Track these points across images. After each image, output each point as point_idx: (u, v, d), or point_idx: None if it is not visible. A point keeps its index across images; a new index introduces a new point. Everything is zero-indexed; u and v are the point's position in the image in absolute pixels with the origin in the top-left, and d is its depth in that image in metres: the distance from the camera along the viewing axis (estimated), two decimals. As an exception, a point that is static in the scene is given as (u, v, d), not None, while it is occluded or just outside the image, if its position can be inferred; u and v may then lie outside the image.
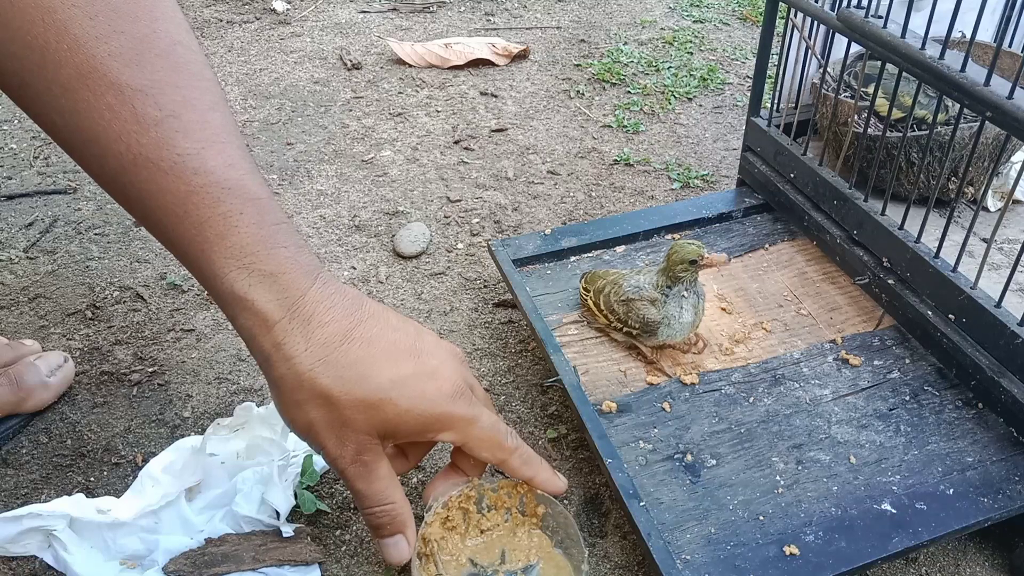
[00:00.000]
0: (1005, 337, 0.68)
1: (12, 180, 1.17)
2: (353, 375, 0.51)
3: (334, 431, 0.53)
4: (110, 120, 0.46)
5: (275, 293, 0.50)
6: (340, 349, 0.51)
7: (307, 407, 0.52)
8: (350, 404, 0.52)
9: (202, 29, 1.59)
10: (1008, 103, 0.62)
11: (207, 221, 0.49)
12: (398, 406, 0.53)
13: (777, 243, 0.91)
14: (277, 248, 0.51)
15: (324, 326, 0.51)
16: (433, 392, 0.54)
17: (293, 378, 0.51)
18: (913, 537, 0.61)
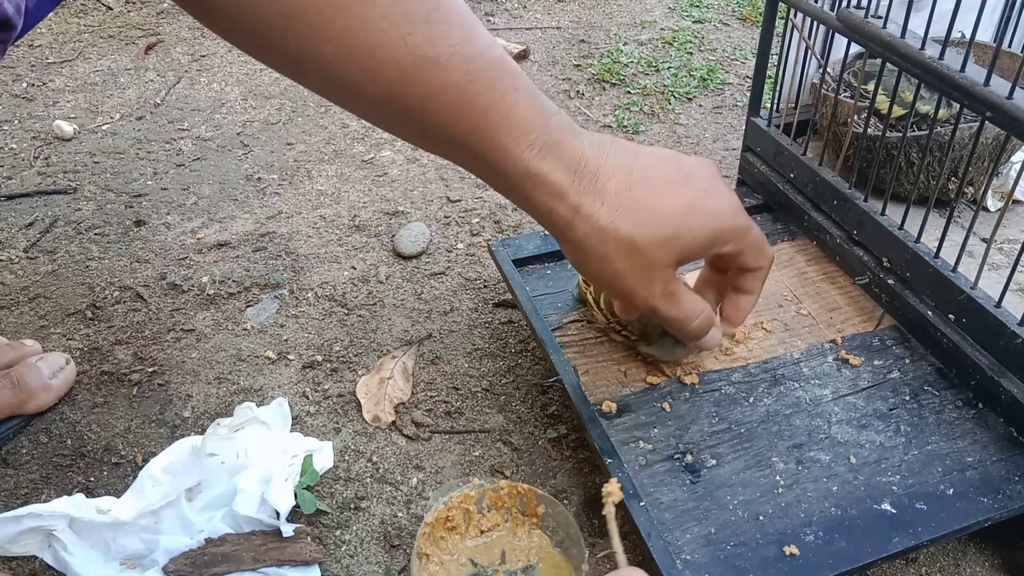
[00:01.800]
0: (1005, 337, 0.68)
1: (12, 180, 1.17)
2: (647, 216, 0.54)
3: (640, 274, 0.56)
4: (384, 29, 0.48)
5: (562, 160, 0.53)
6: (629, 196, 0.54)
7: (614, 258, 0.55)
8: (652, 244, 0.55)
9: (202, 29, 1.59)
10: (1008, 103, 0.62)
11: (491, 106, 0.51)
12: (692, 232, 0.56)
13: (777, 243, 0.91)
14: (549, 116, 0.53)
15: (610, 178, 0.54)
16: (716, 209, 0.57)
17: (597, 234, 0.54)
18: (913, 537, 0.61)
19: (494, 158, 0.53)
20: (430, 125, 0.53)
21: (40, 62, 1.47)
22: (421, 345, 0.91)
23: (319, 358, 0.89)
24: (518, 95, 0.52)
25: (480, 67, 0.50)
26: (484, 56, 0.51)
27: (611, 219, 0.54)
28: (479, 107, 0.51)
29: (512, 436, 0.80)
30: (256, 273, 1.00)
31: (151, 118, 1.32)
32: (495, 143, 0.52)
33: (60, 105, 1.34)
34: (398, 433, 0.81)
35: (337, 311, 0.95)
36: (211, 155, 1.23)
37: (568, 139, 0.54)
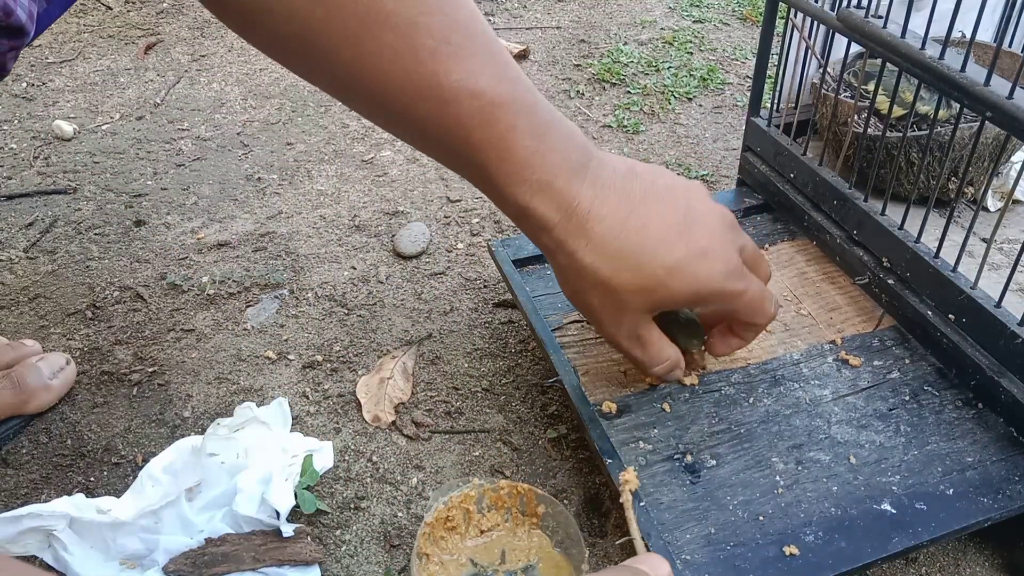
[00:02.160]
0: (1005, 337, 0.68)
1: (12, 180, 1.17)
2: (630, 264, 0.56)
3: (611, 314, 0.58)
4: (391, 60, 0.49)
5: (552, 200, 0.55)
6: (618, 240, 0.56)
7: (587, 294, 0.58)
8: (627, 290, 0.56)
9: (202, 29, 1.59)
10: (1008, 103, 0.62)
11: (487, 142, 0.53)
12: (671, 288, 0.57)
13: (777, 243, 0.91)
14: (548, 155, 0.54)
15: (601, 221, 0.56)
16: (705, 273, 0.57)
17: (575, 270, 0.57)
18: (913, 537, 0.61)
19: (490, 188, 0.56)
20: (433, 147, 0.56)
21: (40, 62, 1.47)
22: (421, 345, 0.91)
23: (319, 358, 0.89)
24: (516, 133, 0.53)
25: (483, 104, 0.51)
26: (488, 94, 0.51)
27: (591, 260, 0.56)
28: (475, 142, 0.53)
29: (512, 436, 0.80)
30: (256, 273, 1.00)
31: (151, 118, 1.32)
32: (491, 177, 0.54)
33: (60, 105, 1.35)
34: (398, 433, 0.81)
35: (337, 311, 0.95)
36: (211, 155, 1.23)
37: (563, 179, 0.55)
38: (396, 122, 0.54)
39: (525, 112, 0.53)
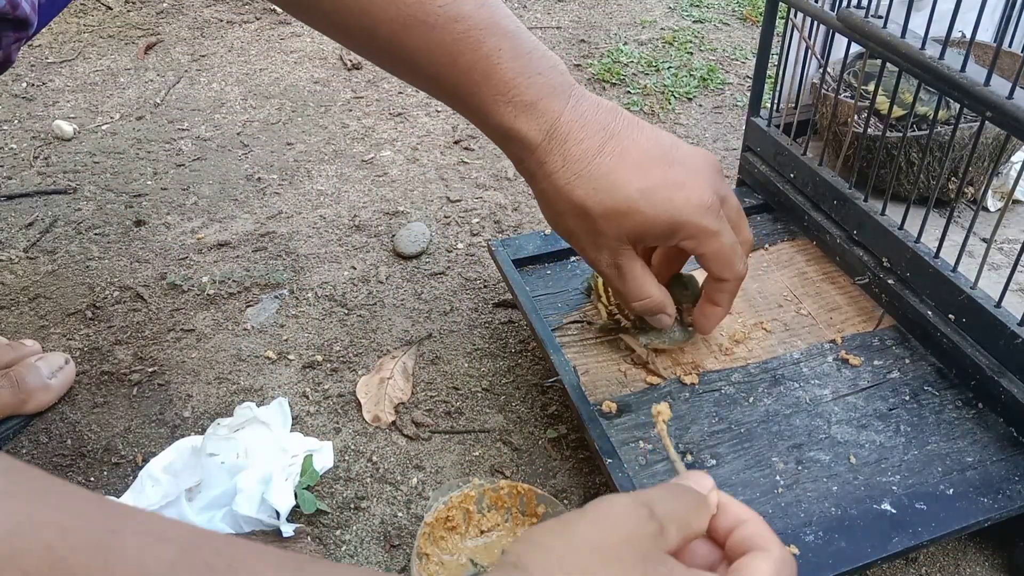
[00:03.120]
0: (1005, 337, 0.68)
1: (12, 180, 1.17)
2: (604, 186, 0.56)
3: (589, 239, 0.59)
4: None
5: (535, 120, 0.56)
6: (593, 163, 0.57)
7: (565, 217, 0.58)
8: (602, 214, 0.57)
9: (202, 29, 1.59)
10: (1008, 103, 0.62)
11: (473, 65, 0.55)
12: (645, 214, 0.57)
13: (777, 243, 0.91)
14: (533, 76, 0.56)
15: (579, 143, 0.57)
16: (680, 201, 0.57)
17: (553, 192, 0.58)
18: (913, 537, 0.61)
19: (475, 112, 0.58)
20: (421, 77, 0.58)
21: (40, 62, 1.47)
22: (421, 345, 0.91)
23: (319, 358, 0.89)
24: (501, 55, 0.55)
25: (466, 28, 0.54)
26: (471, 17, 0.55)
27: (567, 181, 0.57)
28: (462, 66, 0.55)
29: (512, 436, 0.80)
30: (256, 273, 1.00)
31: (151, 118, 1.32)
32: (476, 99, 0.57)
33: (60, 105, 1.35)
34: (398, 433, 0.81)
35: (337, 311, 0.95)
36: (211, 155, 1.23)
37: (546, 100, 0.57)
38: (385, 53, 0.57)
39: (508, 36, 0.56)
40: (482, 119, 0.58)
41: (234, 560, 0.27)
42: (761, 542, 0.40)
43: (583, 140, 0.57)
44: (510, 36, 0.56)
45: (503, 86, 0.56)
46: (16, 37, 0.49)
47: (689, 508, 0.40)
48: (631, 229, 0.58)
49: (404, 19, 0.54)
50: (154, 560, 0.26)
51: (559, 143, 0.57)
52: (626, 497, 0.38)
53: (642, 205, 0.57)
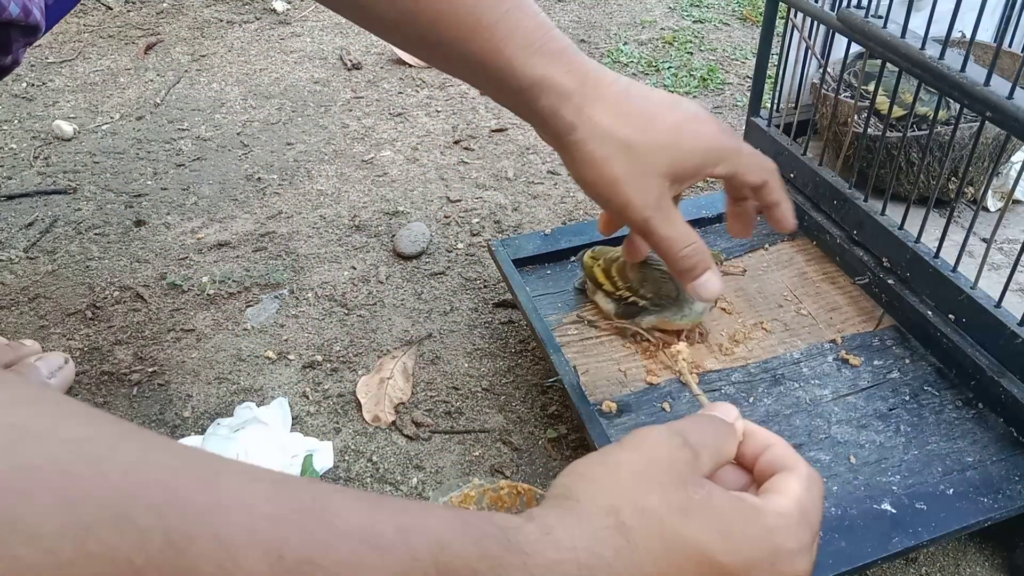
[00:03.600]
0: (1005, 337, 0.68)
1: (12, 180, 1.17)
2: (646, 123, 0.57)
3: (637, 180, 0.58)
4: None
5: (566, 67, 0.56)
6: (629, 103, 0.57)
7: (612, 160, 0.57)
8: (650, 148, 0.57)
9: (202, 29, 1.59)
10: (1008, 103, 0.62)
11: (498, 22, 0.55)
12: (684, 145, 0.58)
13: (777, 243, 0.91)
14: (551, 30, 0.57)
15: (611, 85, 0.57)
16: (707, 130, 0.59)
17: (599, 135, 0.57)
18: (913, 537, 0.61)
19: (503, 69, 0.57)
20: (441, 42, 0.57)
21: (40, 62, 1.47)
22: (421, 345, 0.91)
23: (319, 358, 0.89)
24: (521, 11, 0.56)
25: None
26: None
27: (611, 121, 0.57)
28: (486, 23, 0.55)
29: (512, 436, 0.80)
30: (256, 273, 1.00)
31: (151, 118, 1.32)
32: (503, 56, 0.56)
33: (60, 105, 1.35)
34: (398, 433, 0.81)
35: (337, 311, 0.95)
36: (211, 155, 1.23)
37: (571, 50, 0.58)
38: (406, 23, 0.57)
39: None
40: (509, 76, 0.57)
41: (317, 494, 0.30)
42: (789, 462, 0.44)
43: (612, 83, 0.58)
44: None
45: (529, 38, 0.56)
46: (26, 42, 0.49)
47: (719, 435, 0.43)
48: (675, 162, 0.58)
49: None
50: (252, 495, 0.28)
51: (593, 86, 0.57)
52: (661, 428, 0.41)
53: (683, 135, 0.58)
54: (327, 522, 0.29)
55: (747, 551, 0.38)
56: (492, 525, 0.34)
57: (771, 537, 0.39)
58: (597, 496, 0.37)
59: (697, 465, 0.40)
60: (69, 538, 0.23)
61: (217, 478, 0.28)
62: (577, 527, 0.36)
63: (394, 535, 0.31)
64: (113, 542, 0.24)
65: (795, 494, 0.41)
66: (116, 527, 0.24)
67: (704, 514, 0.38)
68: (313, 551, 0.28)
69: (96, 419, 0.27)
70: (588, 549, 0.35)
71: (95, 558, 0.24)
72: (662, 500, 0.37)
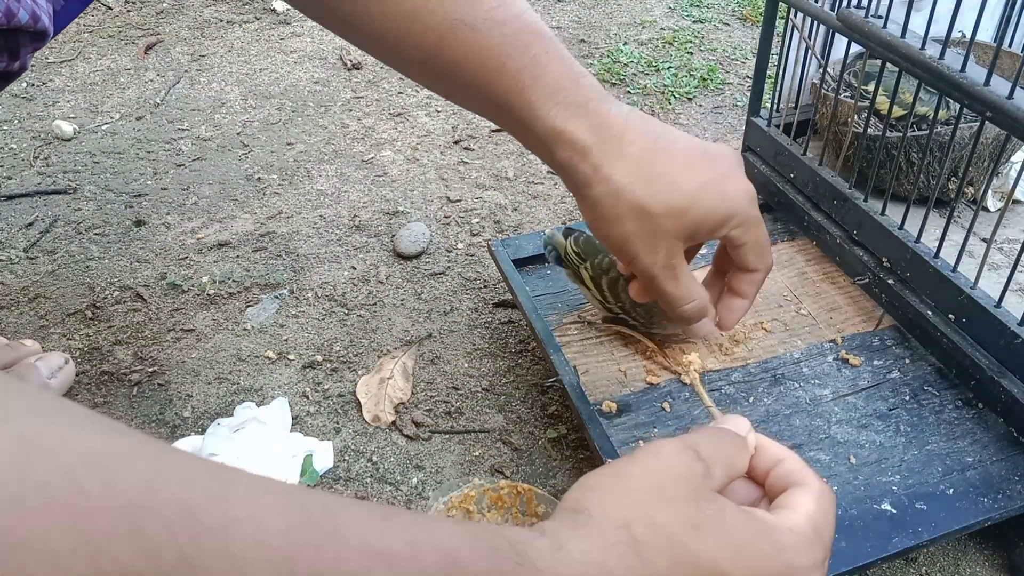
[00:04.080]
0: (1005, 337, 0.68)
1: (12, 180, 1.17)
2: (663, 186, 0.56)
3: (647, 240, 0.57)
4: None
5: (587, 121, 0.55)
6: (648, 163, 0.56)
7: (624, 220, 0.57)
8: (662, 213, 0.56)
9: (202, 29, 1.59)
10: (1008, 103, 0.62)
11: (523, 68, 0.54)
12: (703, 208, 0.57)
13: (777, 243, 0.91)
14: (578, 79, 0.56)
15: (632, 144, 0.56)
16: (732, 193, 0.58)
17: (612, 196, 0.56)
18: (913, 537, 0.61)
19: (525, 116, 0.56)
20: (466, 84, 0.56)
21: (40, 62, 1.47)
22: (421, 345, 0.91)
23: (319, 358, 0.89)
24: (549, 58, 0.55)
25: (513, 31, 0.54)
26: (517, 21, 0.55)
27: (627, 182, 0.56)
28: (511, 69, 0.54)
29: (512, 436, 0.80)
30: (256, 273, 1.00)
31: (151, 118, 1.32)
32: (526, 102, 0.55)
33: (60, 105, 1.35)
34: (398, 433, 0.81)
35: (337, 311, 0.95)
36: (211, 155, 1.23)
37: (595, 101, 0.56)
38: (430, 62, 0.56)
39: (551, 40, 0.56)
40: (530, 124, 0.56)
41: (328, 507, 0.30)
42: (800, 477, 0.43)
43: (635, 141, 0.56)
44: (552, 40, 0.56)
45: (553, 87, 0.55)
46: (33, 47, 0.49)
47: (731, 449, 0.43)
48: (688, 225, 0.58)
49: (451, 24, 0.53)
50: (264, 509, 0.28)
51: (614, 144, 0.56)
52: (673, 441, 0.41)
53: (701, 199, 0.57)
54: (338, 536, 0.29)
55: (759, 568, 0.38)
56: (503, 539, 0.34)
57: (783, 554, 0.39)
58: (609, 510, 0.37)
59: (709, 479, 0.40)
60: (82, 555, 0.23)
61: (229, 491, 0.28)
62: (588, 542, 0.35)
63: (404, 549, 0.30)
64: (127, 559, 0.24)
65: (807, 510, 0.41)
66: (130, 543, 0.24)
67: (716, 530, 0.37)
68: (324, 566, 0.28)
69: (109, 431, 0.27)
70: (599, 564, 0.35)
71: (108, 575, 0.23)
72: (674, 515, 0.37)
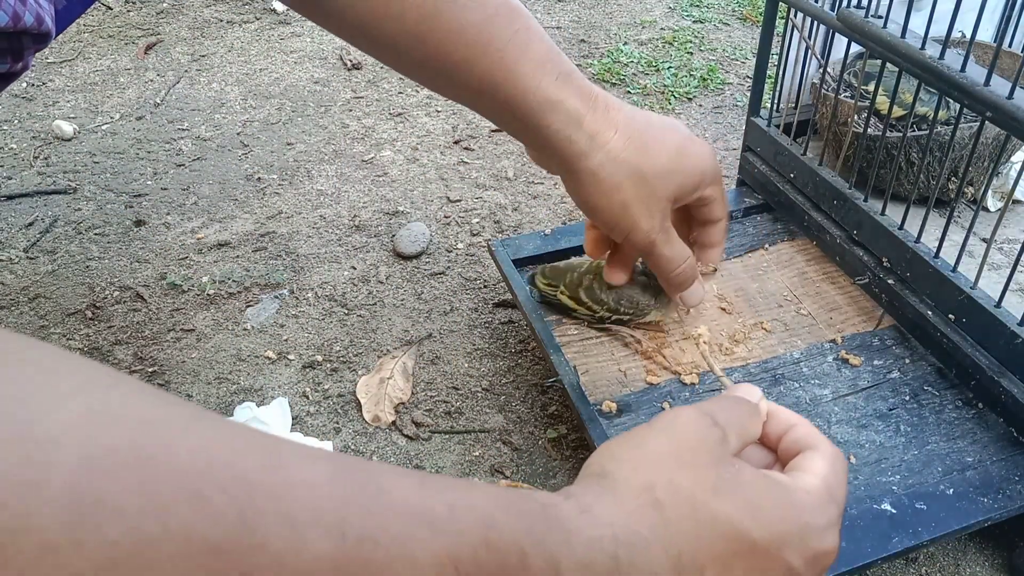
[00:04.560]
0: (1005, 337, 0.68)
1: (12, 180, 1.17)
2: (652, 148, 0.58)
3: (644, 205, 0.59)
4: None
5: (576, 90, 0.57)
6: (634, 128, 0.58)
7: (624, 186, 0.58)
8: (656, 173, 0.58)
9: (202, 29, 1.59)
10: (1008, 103, 0.62)
11: (510, 41, 0.55)
12: (686, 169, 0.60)
13: (777, 243, 0.91)
14: (560, 53, 0.58)
15: (617, 111, 0.58)
16: (701, 154, 0.61)
17: (610, 162, 0.58)
18: (913, 537, 0.61)
19: (514, 91, 0.56)
20: (449, 64, 0.56)
21: (40, 62, 1.47)
22: (421, 345, 0.91)
23: (319, 358, 0.89)
24: (532, 33, 0.56)
25: (495, 7, 0.55)
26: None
27: (623, 147, 0.58)
28: (497, 43, 0.55)
29: (512, 436, 0.80)
30: (256, 273, 1.00)
31: (151, 118, 1.32)
32: (514, 76, 0.56)
33: (60, 105, 1.35)
34: (398, 433, 0.81)
35: (337, 311, 0.95)
36: (211, 155, 1.23)
37: (578, 73, 0.58)
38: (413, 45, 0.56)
39: (529, 15, 0.57)
40: (519, 99, 0.57)
41: (371, 473, 0.31)
42: (813, 441, 0.45)
43: (618, 108, 0.58)
44: (529, 16, 0.57)
45: (540, 59, 0.56)
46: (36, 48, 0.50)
47: (745, 415, 0.44)
48: (677, 186, 0.60)
49: (435, 2, 0.54)
50: (313, 475, 0.29)
51: (603, 111, 0.57)
52: (690, 408, 0.42)
53: (683, 161, 0.59)
54: (382, 501, 0.30)
55: (777, 527, 0.39)
56: (533, 502, 0.35)
57: (799, 514, 0.40)
58: (631, 475, 0.38)
59: (725, 444, 0.41)
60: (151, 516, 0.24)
61: (281, 459, 0.29)
62: (613, 505, 0.37)
63: (444, 511, 0.31)
64: (190, 520, 0.25)
65: (821, 472, 0.42)
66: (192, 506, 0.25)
67: (734, 492, 0.39)
68: (372, 529, 0.29)
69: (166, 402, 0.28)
70: (624, 526, 0.36)
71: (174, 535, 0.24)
72: (694, 478, 0.38)
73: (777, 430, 0.46)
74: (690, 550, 0.37)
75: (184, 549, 0.24)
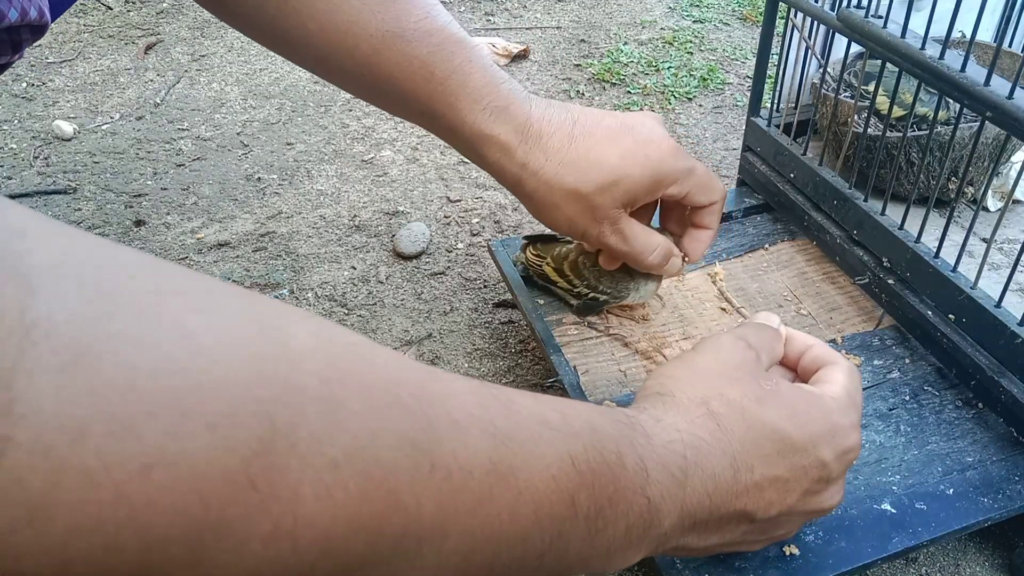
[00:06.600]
0: (1005, 337, 0.68)
1: (12, 180, 1.17)
2: (588, 166, 0.61)
3: (588, 215, 0.63)
4: (359, 8, 0.57)
5: (510, 123, 0.61)
6: (571, 150, 0.61)
7: (562, 207, 0.62)
8: (594, 191, 0.61)
9: (202, 29, 1.59)
10: (1008, 103, 0.62)
11: (449, 75, 0.59)
12: (632, 176, 0.62)
13: (777, 243, 0.91)
14: (500, 84, 0.61)
15: (552, 136, 0.61)
16: (655, 155, 0.62)
17: (544, 188, 0.62)
18: (913, 537, 0.61)
19: (453, 122, 0.61)
20: (400, 92, 0.60)
21: (40, 62, 1.47)
22: (421, 345, 0.91)
23: (319, 358, 0.89)
24: (472, 65, 0.59)
25: (439, 41, 0.58)
26: (443, 32, 0.59)
27: (555, 172, 0.61)
28: (439, 76, 0.59)
29: (512, 436, 0.80)
30: (256, 273, 1.00)
31: (151, 118, 1.32)
32: (453, 108, 0.60)
33: (60, 105, 1.35)
34: (398, 433, 0.81)
35: (337, 311, 0.95)
36: (211, 155, 1.23)
37: (516, 104, 0.61)
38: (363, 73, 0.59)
39: (473, 48, 0.61)
40: (458, 129, 0.61)
41: (497, 389, 0.36)
42: (830, 357, 0.53)
43: (554, 133, 0.61)
44: (475, 48, 0.60)
45: (478, 93, 0.59)
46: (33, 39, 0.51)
47: (771, 338, 0.53)
48: (623, 194, 0.62)
49: (383, 35, 0.57)
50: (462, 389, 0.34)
51: (535, 140, 0.61)
52: (727, 334, 0.51)
53: (628, 170, 0.61)
54: (513, 409, 0.36)
55: (812, 428, 0.47)
56: (621, 413, 0.43)
57: (829, 416, 0.48)
58: (688, 392, 0.46)
59: (760, 363, 0.49)
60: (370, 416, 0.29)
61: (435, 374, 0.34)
62: (678, 416, 0.45)
63: (558, 417, 0.37)
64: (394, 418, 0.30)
65: (841, 382, 0.50)
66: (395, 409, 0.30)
67: (776, 401, 0.46)
68: (512, 430, 0.34)
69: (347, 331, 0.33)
70: (689, 432, 0.44)
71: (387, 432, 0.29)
72: (741, 391, 0.46)
73: (796, 350, 0.54)
74: (742, 450, 0.44)
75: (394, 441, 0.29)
